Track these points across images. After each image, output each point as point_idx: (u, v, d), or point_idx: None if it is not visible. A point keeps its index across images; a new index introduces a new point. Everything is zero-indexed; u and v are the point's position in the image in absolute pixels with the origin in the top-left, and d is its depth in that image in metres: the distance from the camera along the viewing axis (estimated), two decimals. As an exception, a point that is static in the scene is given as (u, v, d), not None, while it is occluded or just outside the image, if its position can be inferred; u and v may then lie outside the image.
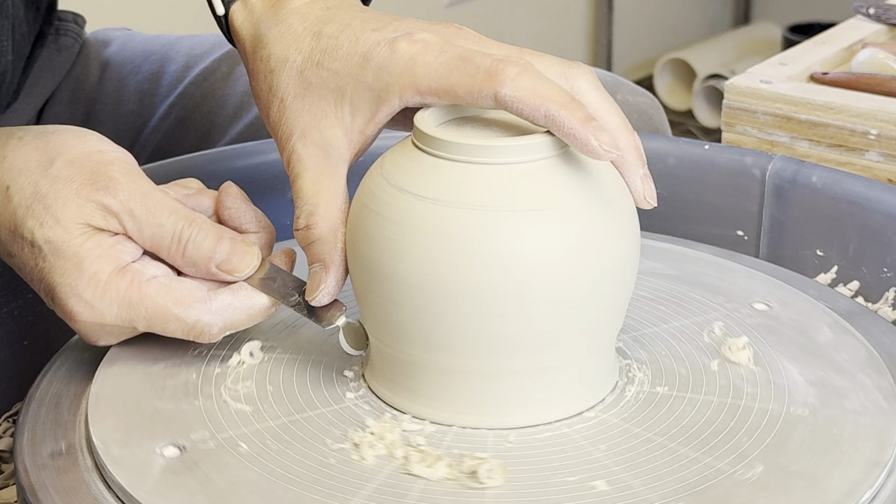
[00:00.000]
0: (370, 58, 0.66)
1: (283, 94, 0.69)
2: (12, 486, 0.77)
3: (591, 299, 0.62)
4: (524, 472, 0.60)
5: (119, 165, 0.68)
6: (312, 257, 0.67)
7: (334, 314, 0.67)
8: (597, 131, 0.61)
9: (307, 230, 0.67)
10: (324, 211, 0.67)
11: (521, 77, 0.62)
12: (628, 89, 1.10)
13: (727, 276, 0.77)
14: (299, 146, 0.68)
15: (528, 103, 0.62)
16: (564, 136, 0.61)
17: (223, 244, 0.68)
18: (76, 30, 1.12)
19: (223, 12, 0.74)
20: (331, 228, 0.66)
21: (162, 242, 0.67)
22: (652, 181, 0.66)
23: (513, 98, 0.62)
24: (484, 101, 0.63)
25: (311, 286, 0.67)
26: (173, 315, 0.66)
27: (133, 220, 0.67)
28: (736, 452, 0.60)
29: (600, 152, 0.61)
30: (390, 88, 0.65)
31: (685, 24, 3.37)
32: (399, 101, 0.66)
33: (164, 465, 0.61)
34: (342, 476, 0.60)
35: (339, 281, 0.66)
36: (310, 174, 0.67)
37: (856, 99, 1.05)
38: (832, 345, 0.69)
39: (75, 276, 0.66)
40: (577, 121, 0.61)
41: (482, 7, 2.82)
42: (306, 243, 0.67)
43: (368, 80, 0.66)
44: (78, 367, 0.71)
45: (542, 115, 0.61)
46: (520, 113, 0.62)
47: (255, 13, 0.72)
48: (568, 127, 0.61)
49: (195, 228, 0.67)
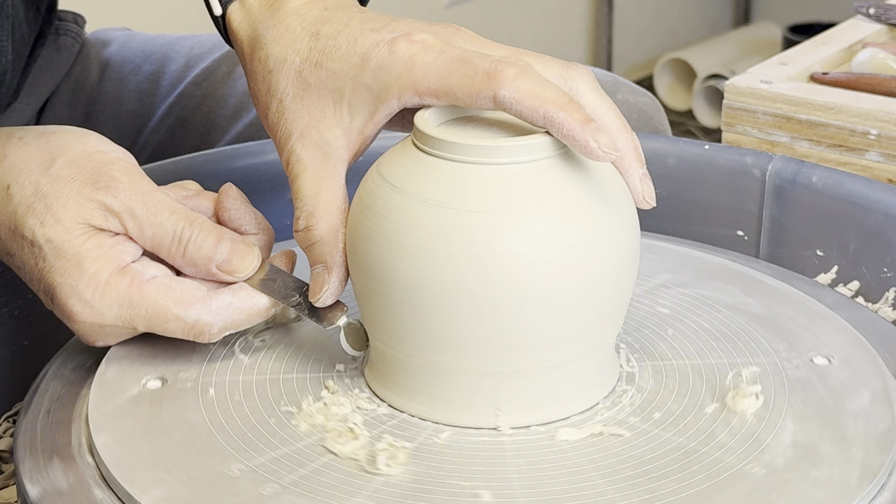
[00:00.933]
0: (369, 58, 0.66)
1: (281, 95, 0.69)
2: (12, 486, 0.77)
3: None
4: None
5: (120, 165, 0.68)
6: (314, 258, 0.67)
7: (336, 314, 0.67)
8: (595, 132, 0.61)
9: (307, 231, 0.67)
10: (323, 212, 0.67)
11: (520, 78, 0.62)
12: (628, 89, 1.10)
13: (812, 325, 0.72)
14: (298, 147, 0.68)
15: (527, 105, 0.62)
16: (563, 137, 0.61)
17: (224, 245, 0.68)
18: (76, 30, 1.12)
19: (220, 13, 0.74)
20: (331, 229, 0.66)
21: (162, 242, 0.67)
22: (651, 181, 0.66)
23: (512, 100, 0.62)
24: (483, 102, 0.63)
25: (314, 287, 0.67)
26: (173, 315, 0.66)
27: (134, 219, 0.67)
28: (652, 493, 0.58)
29: (599, 154, 0.61)
30: (389, 89, 0.65)
31: (685, 24, 3.37)
32: (398, 102, 0.66)
33: (137, 394, 0.65)
34: (267, 436, 0.62)
35: (341, 281, 0.67)
36: (309, 175, 0.67)
37: (856, 99, 1.05)
38: (857, 412, 0.64)
39: (75, 276, 0.66)
40: (576, 122, 0.61)
41: (482, 7, 2.82)
42: (307, 245, 0.67)
43: (367, 80, 0.66)
44: (78, 367, 0.71)
45: (541, 116, 0.61)
46: (519, 114, 0.62)
47: (253, 14, 0.72)
48: (567, 129, 0.61)
49: (196, 229, 0.67)
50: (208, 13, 0.75)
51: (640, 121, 1.09)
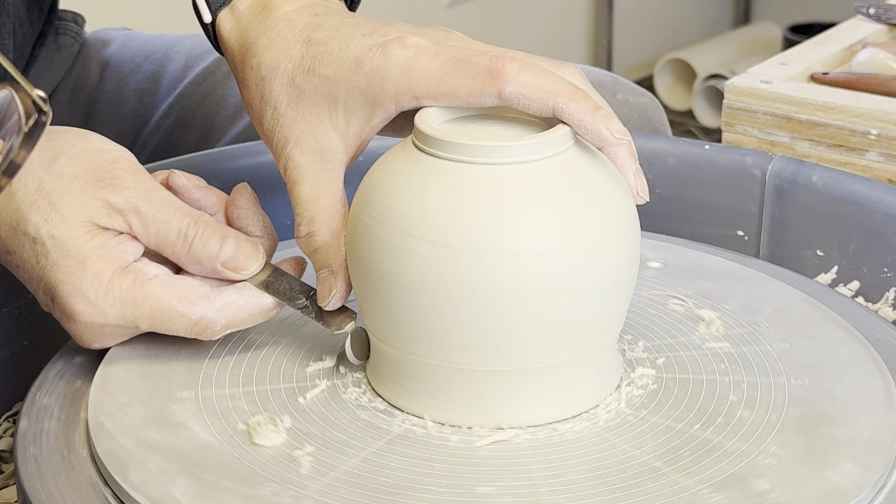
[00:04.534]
0: (363, 63, 0.66)
1: (275, 103, 0.69)
2: (12, 486, 0.77)
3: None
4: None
5: (123, 164, 0.68)
6: (319, 263, 0.67)
7: (344, 320, 0.67)
8: (606, 120, 0.62)
9: (309, 237, 0.67)
10: (324, 216, 0.67)
11: (523, 72, 0.62)
12: (628, 89, 1.10)
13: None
14: (295, 153, 0.68)
15: (535, 99, 0.62)
16: (575, 127, 0.62)
17: (229, 242, 0.68)
18: (76, 29, 1.11)
19: (210, 20, 0.74)
20: (333, 234, 0.67)
21: (167, 240, 0.67)
22: (643, 176, 0.66)
23: (518, 95, 0.62)
24: (487, 100, 0.63)
25: (322, 292, 0.67)
26: (177, 312, 0.66)
27: (139, 217, 0.67)
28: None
29: (612, 140, 0.62)
30: (385, 94, 0.65)
31: (685, 24, 3.36)
32: (395, 107, 0.66)
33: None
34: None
35: (348, 283, 0.67)
36: (307, 180, 0.67)
37: (856, 99, 1.05)
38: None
39: (79, 275, 0.66)
40: (587, 111, 0.62)
41: (482, 7, 2.82)
42: (310, 250, 0.67)
43: (362, 84, 0.66)
44: (78, 367, 0.70)
45: (550, 109, 0.62)
46: (526, 108, 0.62)
47: (243, 21, 0.72)
48: (578, 118, 0.62)
49: (201, 227, 0.67)
50: (198, 20, 0.74)
51: (640, 121, 1.09)
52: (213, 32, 0.75)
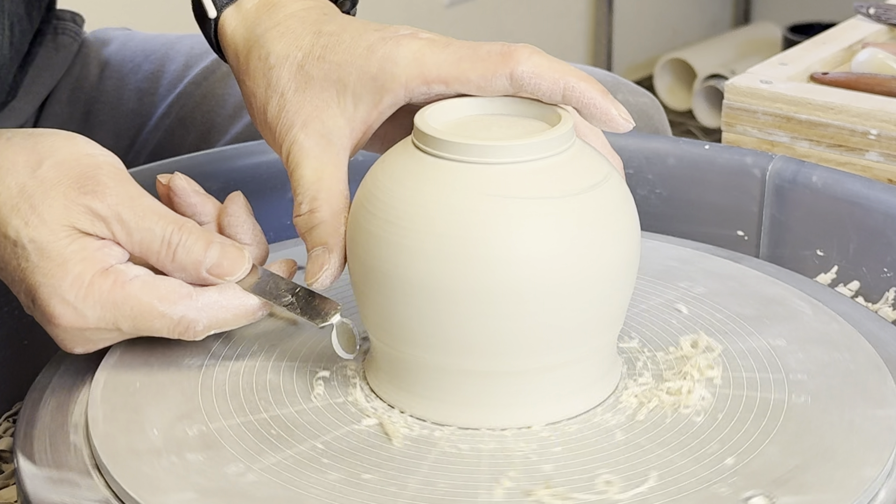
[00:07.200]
0: (375, 49, 0.67)
1: (283, 89, 0.69)
2: (12, 486, 0.77)
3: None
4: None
5: (107, 170, 0.67)
6: (314, 240, 0.66)
7: (329, 313, 0.66)
8: (615, 102, 0.63)
9: (310, 214, 0.66)
10: (326, 195, 0.66)
11: (535, 56, 0.64)
12: (628, 89, 1.10)
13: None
14: (301, 136, 0.68)
15: (547, 77, 0.63)
16: (584, 106, 0.63)
17: (213, 248, 0.66)
18: (74, 28, 1.11)
19: (215, 15, 0.74)
20: (334, 213, 0.66)
21: (151, 247, 0.66)
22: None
23: (531, 74, 0.63)
24: (499, 82, 0.64)
25: (312, 269, 0.66)
26: (158, 312, 0.65)
27: (122, 224, 0.66)
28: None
29: (619, 121, 0.63)
30: (396, 79, 0.66)
31: (685, 24, 3.36)
32: (405, 92, 0.66)
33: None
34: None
35: (341, 264, 0.66)
36: (311, 161, 0.67)
37: (856, 99, 1.05)
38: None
39: (59, 277, 0.65)
40: (597, 92, 0.63)
41: (482, 7, 2.82)
42: (309, 227, 0.66)
43: (373, 70, 0.67)
44: (78, 367, 0.70)
45: (562, 87, 0.63)
46: (537, 88, 0.63)
47: (250, 17, 0.72)
48: (588, 97, 0.63)
49: (185, 233, 0.66)
50: (195, 19, 0.74)
51: (640, 121, 1.09)
52: (213, 32, 0.75)
